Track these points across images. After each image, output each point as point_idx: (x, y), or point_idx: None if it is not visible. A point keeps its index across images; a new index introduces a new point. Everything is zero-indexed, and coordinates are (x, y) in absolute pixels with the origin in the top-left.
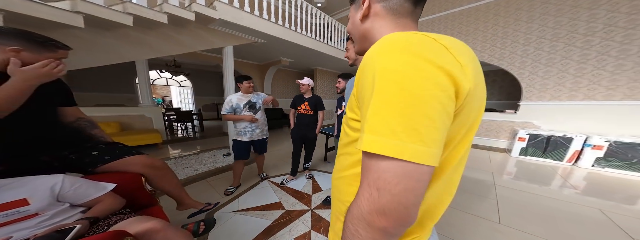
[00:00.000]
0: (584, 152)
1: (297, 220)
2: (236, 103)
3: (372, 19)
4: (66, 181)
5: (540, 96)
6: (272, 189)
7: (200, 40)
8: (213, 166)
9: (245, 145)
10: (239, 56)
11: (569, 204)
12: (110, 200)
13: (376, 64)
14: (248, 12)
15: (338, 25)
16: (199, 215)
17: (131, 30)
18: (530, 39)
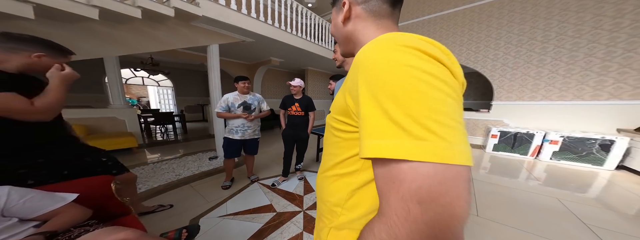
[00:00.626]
0: (544, 147)
1: (288, 222)
2: (231, 102)
3: (354, 21)
4: (13, 194)
5: (508, 96)
6: (262, 191)
7: (181, 37)
8: (198, 170)
9: (236, 144)
10: (226, 55)
11: (533, 194)
12: (72, 212)
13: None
14: (235, 10)
15: (329, 25)
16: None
17: (97, 25)
18: (499, 44)
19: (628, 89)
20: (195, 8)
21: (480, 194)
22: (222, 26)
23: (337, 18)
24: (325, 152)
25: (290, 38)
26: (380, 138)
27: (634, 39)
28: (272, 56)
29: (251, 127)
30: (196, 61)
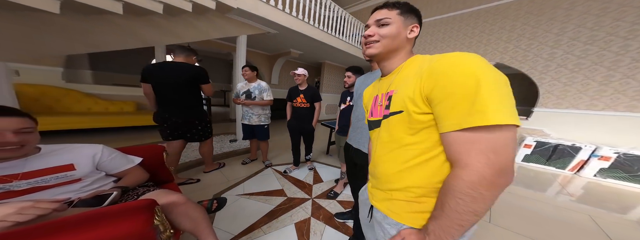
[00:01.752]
0: (590, 162)
1: (298, 207)
2: (239, 89)
3: (410, 40)
4: (105, 151)
5: (557, 103)
6: (275, 177)
7: (217, 28)
8: (220, 151)
9: (246, 129)
10: (250, 46)
11: (561, 209)
12: (138, 173)
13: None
14: (264, 2)
15: (351, 18)
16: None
17: (159, 18)
18: (560, 41)
19: None
20: (232, 0)
21: (496, 203)
22: (252, 18)
23: (404, 30)
24: (392, 147)
25: (313, 31)
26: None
27: None
28: (293, 48)
29: (255, 114)
30: (224, 50)
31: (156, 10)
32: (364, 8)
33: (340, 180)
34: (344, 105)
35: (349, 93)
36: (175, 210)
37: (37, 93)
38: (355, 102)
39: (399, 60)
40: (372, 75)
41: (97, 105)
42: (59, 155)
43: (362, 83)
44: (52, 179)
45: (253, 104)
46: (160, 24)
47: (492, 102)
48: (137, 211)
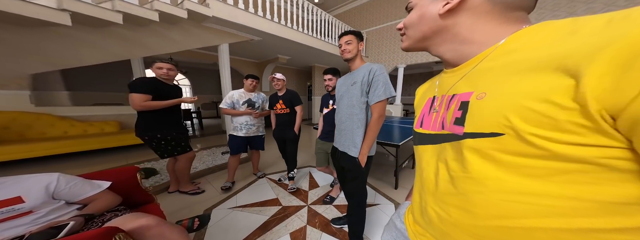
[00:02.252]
0: None
1: (293, 216)
2: (236, 99)
3: (466, 13)
4: (61, 179)
5: None
6: (269, 186)
7: (194, 37)
8: (212, 164)
9: (241, 141)
10: (236, 54)
11: None
12: (107, 198)
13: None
14: (243, 9)
15: (335, 21)
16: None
17: (121, 29)
18: None
19: None
20: (206, 9)
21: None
22: (231, 26)
23: (429, 7)
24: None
25: (297, 35)
26: None
27: None
28: (280, 54)
29: (255, 124)
30: (209, 60)
31: (114, 20)
32: (348, 10)
33: (336, 185)
34: (326, 110)
35: (330, 96)
36: (147, 234)
37: (6, 120)
38: (337, 104)
39: (469, 47)
40: (350, 76)
41: (73, 128)
42: (5, 188)
43: (341, 84)
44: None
45: (263, 115)
46: (126, 36)
47: None
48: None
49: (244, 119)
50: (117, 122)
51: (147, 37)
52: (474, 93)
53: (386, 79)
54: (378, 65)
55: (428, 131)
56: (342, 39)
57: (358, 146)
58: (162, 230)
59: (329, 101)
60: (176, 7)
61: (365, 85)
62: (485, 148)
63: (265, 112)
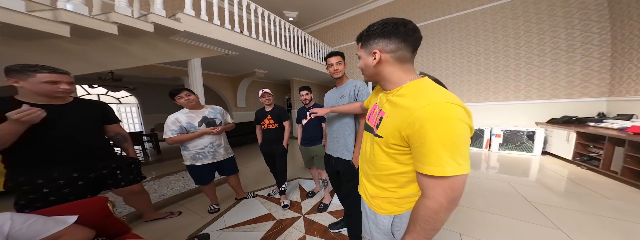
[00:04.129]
0: (492, 140)
1: (290, 228)
2: (187, 122)
3: (384, 64)
4: (16, 219)
5: (460, 98)
6: (259, 202)
7: (158, 52)
8: (184, 188)
9: (207, 169)
10: (206, 68)
11: (491, 181)
12: (76, 232)
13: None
14: (218, 25)
15: (310, 38)
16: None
17: (66, 42)
18: (448, 56)
19: (534, 91)
20: (176, 23)
21: None
22: (204, 40)
23: (367, 59)
24: (375, 158)
25: (274, 50)
26: (440, 165)
27: (529, 54)
28: (257, 68)
29: (222, 145)
30: (168, 75)
31: (60, 33)
32: (321, 28)
33: (325, 189)
34: (305, 120)
35: (306, 109)
36: None
37: None
38: (327, 115)
39: (390, 84)
40: (338, 90)
41: None
42: None
43: (329, 98)
44: None
45: (226, 130)
46: (71, 50)
47: (452, 158)
48: None
49: (207, 141)
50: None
51: (97, 51)
52: (385, 113)
53: (368, 92)
54: (360, 81)
55: (369, 124)
56: (332, 59)
57: (351, 150)
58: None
59: (305, 113)
60: (140, 20)
61: (352, 98)
62: (379, 142)
63: (227, 126)
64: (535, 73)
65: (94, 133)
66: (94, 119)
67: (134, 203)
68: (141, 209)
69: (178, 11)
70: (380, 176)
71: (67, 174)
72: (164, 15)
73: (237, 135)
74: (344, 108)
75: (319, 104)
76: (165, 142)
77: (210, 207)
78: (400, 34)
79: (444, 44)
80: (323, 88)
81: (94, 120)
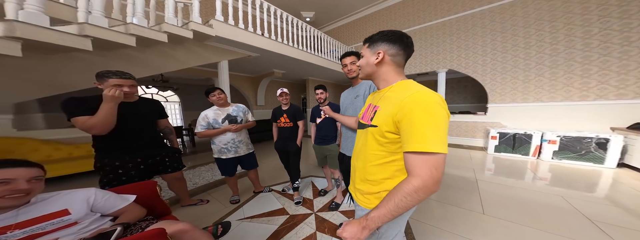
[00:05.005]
0: (543, 147)
1: (302, 224)
2: (213, 118)
3: (384, 64)
4: (98, 193)
5: (502, 99)
6: (274, 197)
7: (196, 56)
8: (212, 179)
9: (231, 163)
10: (232, 69)
11: (541, 194)
12: (135, 209)
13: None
14: (242, 28)
15: (326, 37)
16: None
17: (133, 51)
18: (485, 51)
19: (611, 89)
20: (209, 29)
21: (486, 194)
22: (231, 43)
23: (370, 58)
24: (367, 150)
25: (292, 51)
26: (425, 142)
27: (606, 44)
28: (275, 68)
29: (243, 141)
30: (202, 76)
31: (128, 43)
32: (337, 27)
33: (338, 189)
34: (319, 119)
35: (320, 108)
36: (184, 237)
37: None
38: (343, 114)
39: (382, 82)
40: (353, 90)
41: (58, 151)
42: (51, 203)
43: (345, 97)
44: (48, 225)
45: (246, 127)
46: (134, 57)
47: (435, 136)
48: (154, 238)
49: (229, 137)
50: None
51: (153, 57)
52: (379, 107)
53: None
54: None
55: (363, 122)
56: (346, 59)
57: None
58: (195, 234)
59: (320, 112)
60: (182, 28)
61: (367, 97)
62: (373, 132)
63: (248, 124)
64: (614, 67)
65: (152, 126)
66: (152, 114)
67: (175, 188)
68: (180, 194)
69: (210, 18)
70: (370, 168)
71: (134, 159)
72: (200, 22)
73: (256, 132)
74: (344, 119)
75: (334, 103)
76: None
77: (232, 197)
78: (402, 43)
79: (481, 37)
80: (339, 87)
81: (152, 115)
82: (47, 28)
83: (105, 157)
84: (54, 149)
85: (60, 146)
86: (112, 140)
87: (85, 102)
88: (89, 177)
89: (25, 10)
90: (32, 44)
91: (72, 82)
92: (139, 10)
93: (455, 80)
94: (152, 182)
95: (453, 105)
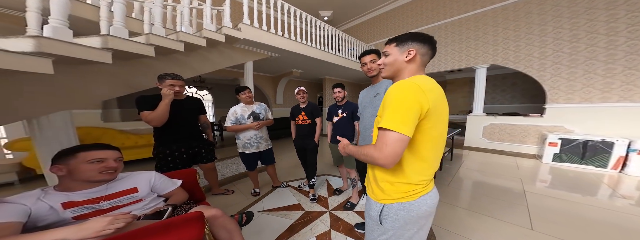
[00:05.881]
0: (630, 158)
1: (316, 221)
2: (240, 114)
3: (412, 62)
4: (156, 176)
5: (568, 98)
6: (290, 193)
7: (227, 58)
8: (237, 171)
9: (253, 157)
10: (254, 69)
11: (619, 214)
12: (182, 193)
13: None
14: (265, 30)
15: (344, 36)
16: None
17: (181, 55)
18: (545, 41)
19: None
20: (238, 32)
21: (536, 208)
22: (256, 45)
23: (400, 56)
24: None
25: (310, 50)
26: (384, 120)
27: None
28: (293, 68)
29: (263, 137)
30: (231, 76)
31: (179, 48)
32: (355, 25)
33: (354, 189)
34: (336, 118)
35: (338, 106)
36: (215, 223)
37: (82, 134)
38: (361, 113)
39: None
40: (373, 88)
41: (128, 140)
42: (126, 181)
43: (365, 96)
44: (124, 199)
45: (266, 124)
46: (181, 60)
47: (392, 116)
48: (194, 221)
49: (252, 133)
50: None
51: (195, 60)
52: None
53: None
54: None
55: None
56: (366, 57)
57: None
58: (224, 220)
59: (337, 110)
60: (216, 33)
61: None
62: (378, 122)
63: (268, 121)
64: None
65: (195, 120)
66: (196, 110)
67: (208, 177)
68: (212, 183)
69: (237, 22)
70: None
71: (180, 149)
72: (230, 27)
73: (275, 129)
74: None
75: (352, 102)
76: (226, 131)
77: (253, 190)
78: (431, 43)
79: (539, 26)
80: (356, 86)
81: (196, 111)
82: (128, 40)
83: (160, 145)
84: (125, 138)
85: (130, 136)
86: (166, 131)
87: (150, 100)
88: (143, 164)
89: (114, 26)
90: (117, 53)
91: (141, 82)
92: (186, 19)
93: (500, 76)
94: (193, 170)
95: (495, 106)
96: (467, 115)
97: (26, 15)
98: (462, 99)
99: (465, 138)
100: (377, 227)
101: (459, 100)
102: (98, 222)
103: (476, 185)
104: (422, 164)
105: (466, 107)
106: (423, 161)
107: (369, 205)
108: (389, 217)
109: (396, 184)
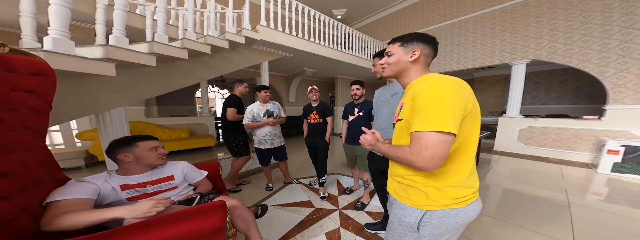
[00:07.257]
0: None
1: (326, 218)
2: (256, 112)
3: (417, 62)
4: (188, 166)
5: (637, 99)
6: (301, 189)
7: (246, 58)
8: (253, 166)
9: (267, 153)
10: (269, 69)
11: None
12: (207, 183)
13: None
14: (281, 31)
15: (357, 34)
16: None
17: (207, 57)
18: (609, 31)
19: None
20: (256, 34)
21: (582, 223)
22: (272, 46)
23: (405, 56)
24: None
25: (323, 50)
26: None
27: None
28: (306, 67)
29: (277, 134)
30: (248, 76)
31: (206, 51)
32: (369, 23)
33: (366, 190)
34: (352, 117)
35: (355, 105)
36: (234, 212)
37: (130, 127)
38: (376, 113)
39: (408, 79)
40: (390, 87)
41: (164, 133)
42: (165, 169)
43: (380, 95)
44: (164, 185)
45: (279, 122)
46: (208, 62)
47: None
48: (218, 209)
49: (267, 130)
50: (188, 130)
51: (219, 61)
52: (404, 103)
53: None
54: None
55: (394, 122)
56: (377, 59)
57: None
58: (243, 211)
59: (353, 109)
60: (237, 35)
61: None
62: (402, 126)
63: (281, 119)
64: None
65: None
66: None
67: (237, 166)
68: (235, 173)
69: (255, 24)
70: None
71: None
72: (249, 29)
73: (288, 127)
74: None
75: (370, 101)
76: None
77: (267, 185)
78: (434, 44)
79: (601, 14)
80: (369, 85)
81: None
82: (168, 45)
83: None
84: (162, 132)
85: (166, 130)
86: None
87: (235, 99)
88: (174, 156)
89: (157, 33)
90: (160, 57)
91: (177, 82)
92: (212, 23)
93: (544, 73)
94: (216, 163)
95: (537, 107)
96: (499, 117)
97: (95, 27)
98: (493, 98)
99: (495, 142)
100: (411, 233)
101: (489, 100)
102: (145, 204)
103: (506, 193)
104: (472, 165)
105: (498, 108)
106: (472, 162)
107: (400, 210)
108: (429, 224)
109: (444, 189)
